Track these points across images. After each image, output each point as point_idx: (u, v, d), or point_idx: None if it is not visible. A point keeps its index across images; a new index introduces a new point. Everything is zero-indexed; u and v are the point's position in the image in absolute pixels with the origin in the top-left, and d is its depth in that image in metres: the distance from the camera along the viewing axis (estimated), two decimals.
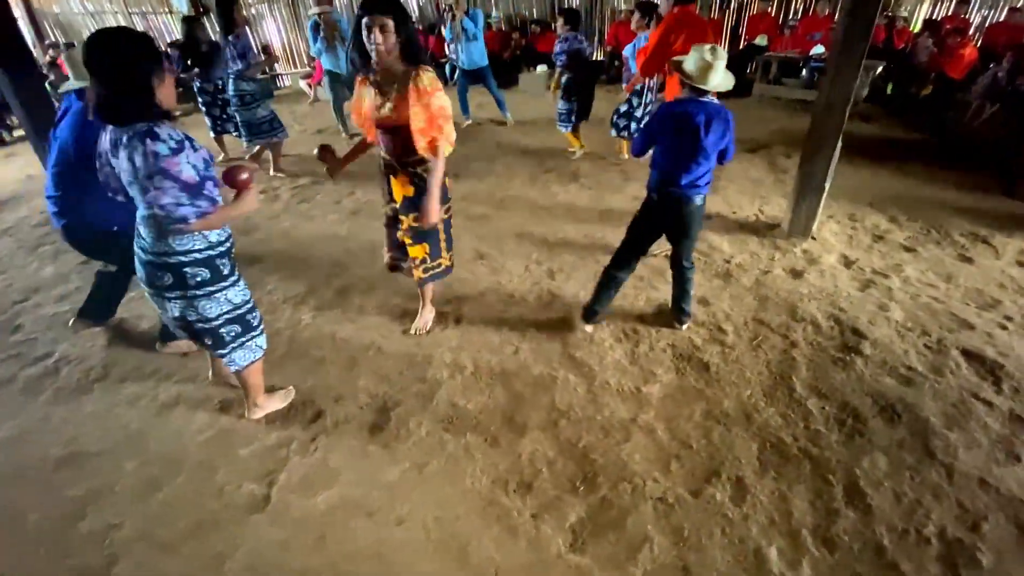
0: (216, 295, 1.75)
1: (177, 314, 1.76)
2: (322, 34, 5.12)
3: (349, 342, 2.55)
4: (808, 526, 1.64)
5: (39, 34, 8.53)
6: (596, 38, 9.15)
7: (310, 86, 8.60)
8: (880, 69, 6.10)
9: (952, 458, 1.83)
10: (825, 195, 3.20)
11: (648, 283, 2.90)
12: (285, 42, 10.15)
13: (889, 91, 6.44)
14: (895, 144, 5.03)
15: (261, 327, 1.98)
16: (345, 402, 2.19)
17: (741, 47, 8.02)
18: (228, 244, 1.76)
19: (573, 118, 4.72)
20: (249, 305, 1.89)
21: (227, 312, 1.81)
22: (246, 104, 4.16)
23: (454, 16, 5.39)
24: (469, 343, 2.51)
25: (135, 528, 1.73)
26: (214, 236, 1.68)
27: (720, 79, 2.01)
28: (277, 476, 1.89)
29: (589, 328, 2.53)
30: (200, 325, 1.78)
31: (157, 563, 1.62)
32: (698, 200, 2.21)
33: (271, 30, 10.03)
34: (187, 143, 1.50)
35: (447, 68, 9.31)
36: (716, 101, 2.10)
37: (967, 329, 2.44)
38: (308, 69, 9.10)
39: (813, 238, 3.27)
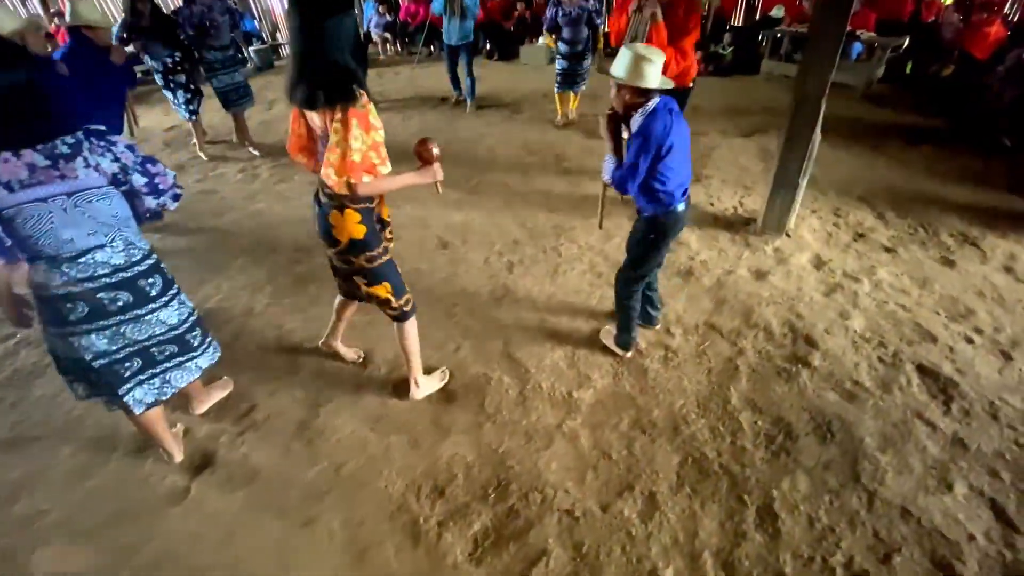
0: (180, 295, 1.74)
1: (149, 333, 1.66)
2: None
3: (295, 333, 2.57)
4: (711, 548, 1.61)
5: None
6: (604, 8, 8.72)
7: None
8: (904, 44, 5.67)
9: (878, 483, 1.76)
10: (802, 191, 3.03)
11: (606, 280, 2.82)
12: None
13: (908, 70, 6.02)
14: (905, 130, 4.73)
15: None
16: (279, 396, 2.21)
17: (757, 19, 7.57)
18: None
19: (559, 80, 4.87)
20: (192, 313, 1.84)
21: (191, 314, 1.78)
22: (214, 72, 4.10)
23: None
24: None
25: (61, 515, 1.80)
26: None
27: (658, 74, 1.72)
28: (201, 470, 1.94)
29: (630, 354, 2.31)
30: (188, 320, 1.76)
31: (72, 552, 1.69)
32: None
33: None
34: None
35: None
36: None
37: (929, 342, 2.32)
38: None
39: (788, 235, 3.12)
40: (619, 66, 1.73)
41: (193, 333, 1.78)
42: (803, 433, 1.94)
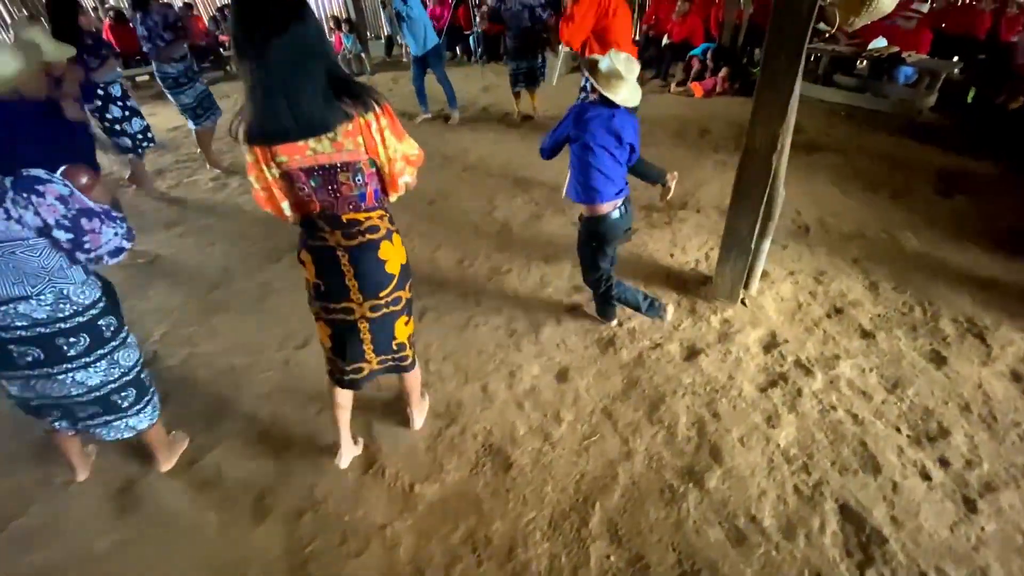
0: (116, 353, 1.63)
1: (98, 380, 1.59)
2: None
3: (187, 364, 2.44)
4: None
5: None
6: (636, 14, 8.20)
7: None
8: (957, 71, 4.88)
9: None
10: (763, 254, 2.57)
11: (514, 346, 2.51)
12: (323, 7, 10.10)
13: (970, 99, 5.17)
14: (942, 175, 4.03)
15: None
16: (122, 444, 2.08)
17: None
18: None
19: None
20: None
21: (124, 375, 1.67)
22: (177, 87, 4.01)
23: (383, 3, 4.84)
24: (281, 391, 2.31)
25: None
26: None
27: (629, 93, 1.94)
28: (12, 520, 1.83)
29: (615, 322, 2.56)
30: (119, 381, 1.65)
31: None
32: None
33: None
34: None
35: (471, 40, 8.87)
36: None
37: (869, 472, 1.85)
38: (331, 40, 8.98)
39: (744, 303, 2.66)
40: (604, 63, 1.95)
41: (123, 393, 1.66)
42: None
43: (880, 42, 5.06)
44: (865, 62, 5.50)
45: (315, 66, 1.22)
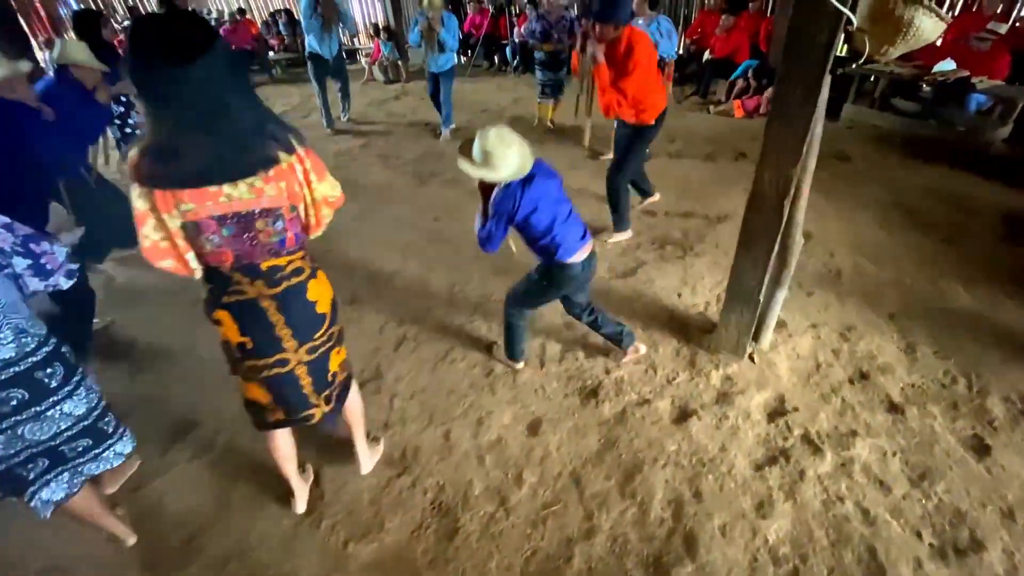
0: (86, 379, 1.52)
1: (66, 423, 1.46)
2: (320, 9, 4.87)
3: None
4: None
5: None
6: (680, 27, 7.85)
7: (370, 64, 8.61)
8: None
9: None
10: (776, 307, 2.27)
11: (487, 389, 2.32)
12: (365, 15, 10.26)
13: None
14: (1008, 219, 3.54)
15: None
16: None
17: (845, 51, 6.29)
18: None
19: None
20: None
21: (100, 399, 1.57)
22: None
23: (430, 28, 4.80)
24: (244, 416, 2.21)
25: None
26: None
27: (518, 163, 1.67)
28: None
29: (520, 365, 2.39)
30: (100, 406, 1.55)
31: None
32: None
33: (354, 3, 10.18)
34: None
35: (508, 51, 8.76)
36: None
37: None
38: (371, 47, 9.09)
39: (752, 359, 2.36)
40: (475, 151, 1.68)
41: (106, 419, 1.58)
42: None
43: (947, 64, 4.55)
44: (929, 86, 4.98)
45: (232, 102, 1.10)
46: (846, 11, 1.45)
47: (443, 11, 4.84)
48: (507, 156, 1.63)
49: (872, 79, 5.27)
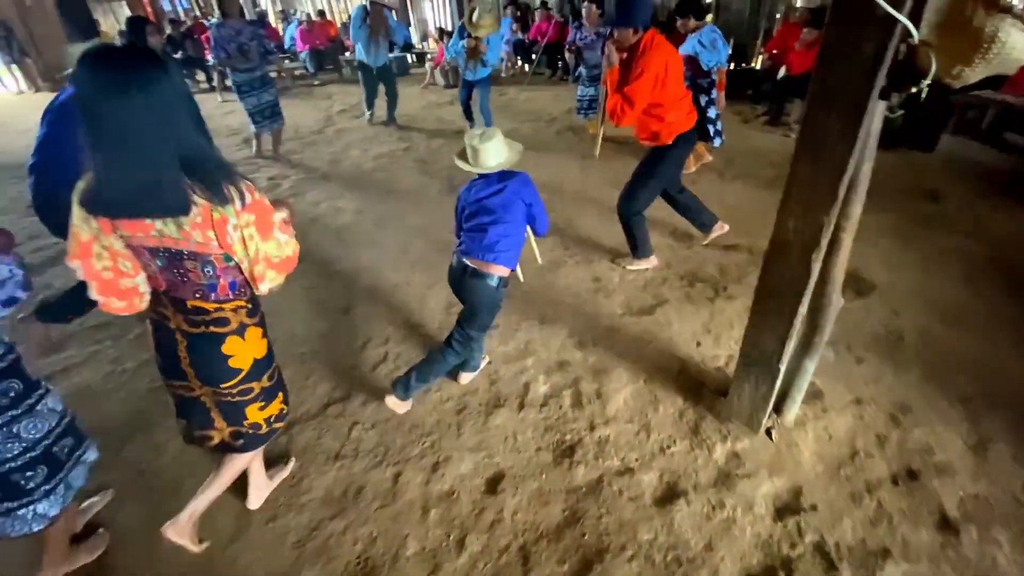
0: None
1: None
2: (369, 20, 4.95)
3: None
4: None
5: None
6: (759, 40, 7.24)
7: (432, 67, 8.67)
8: None
9: None
10: (806, 377, 1.87)
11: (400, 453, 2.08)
12: (435, 19, 10.39)
13: None
14: None
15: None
16: None
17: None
18: None
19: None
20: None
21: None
22: (241, 94, 4.24)
23: (476, 49, 4.76)
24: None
25: None
26: None
27: (494, 159, 1.88)
28: None
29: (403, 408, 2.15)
30: (63, 423, 1.45)
31: None
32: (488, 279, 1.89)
33: (427, 8, 10.36)
34: None
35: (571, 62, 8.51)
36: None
37: None
38: (435, 50, 9.16)
39: (770, 434, 1.97)
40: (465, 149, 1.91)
41: (75, 420, 1.51)
42: None
43: None
44: None
45: (158, 139, 1.04)
46: (902, 18, 1.09)
47: (491, 30, 4.75)
48: (487, 150, 1.84)
49: (976, 107, 4.52)
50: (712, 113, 4.19)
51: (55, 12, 7.22)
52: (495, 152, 1.86)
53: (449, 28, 9.07)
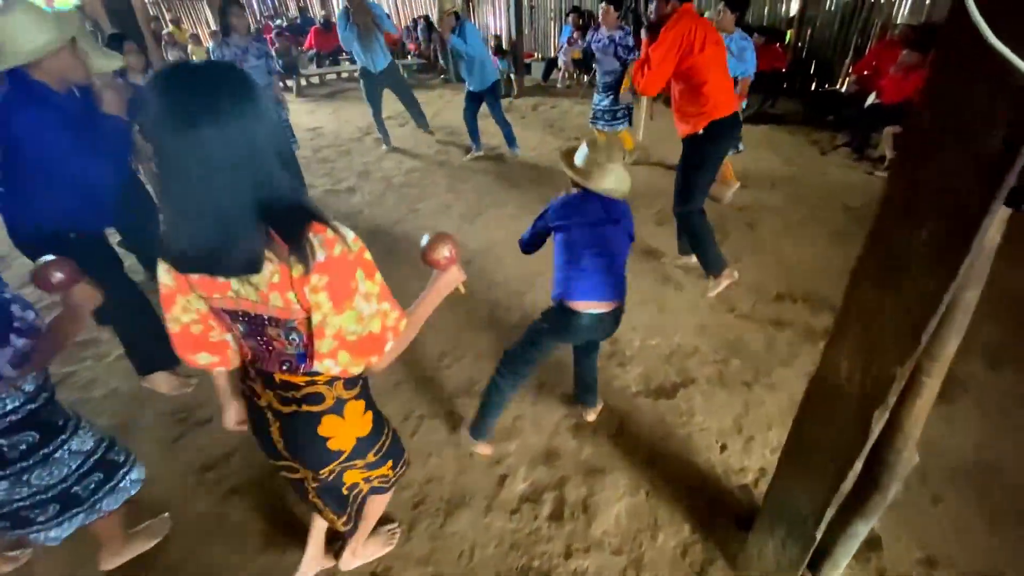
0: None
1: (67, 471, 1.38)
2: (352, 18, 4.50)
3: None
4: None
5: None
6: (848, 59, 6.41)
7: None
8: None
9: None
10: (853, 544, 1.38)
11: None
12: (502, 28, 10.17)
13: None
14: None
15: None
16: None
17: None
18: None
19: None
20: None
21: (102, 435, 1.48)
22: None
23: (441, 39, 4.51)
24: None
25: None
26: None
27: (613, 182, 1.65)
28: None
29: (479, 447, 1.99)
30: (90, 461, 1.43)
31: None
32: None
33: (489, 15, 10.15)
34: None
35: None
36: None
37: None
38: None
39: None
40: (579, 156, 1.69)
41: (115, 448, 1.48)
42: None
43: None
44: None
45: (232, 184, 0.80)
46: None
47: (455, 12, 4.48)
48: (611, 172, 1.63)
49: None
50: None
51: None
52: (617, 176, 1.65)
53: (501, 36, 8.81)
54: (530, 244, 1.88)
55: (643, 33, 2.63)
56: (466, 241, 3.62)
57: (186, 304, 0.99)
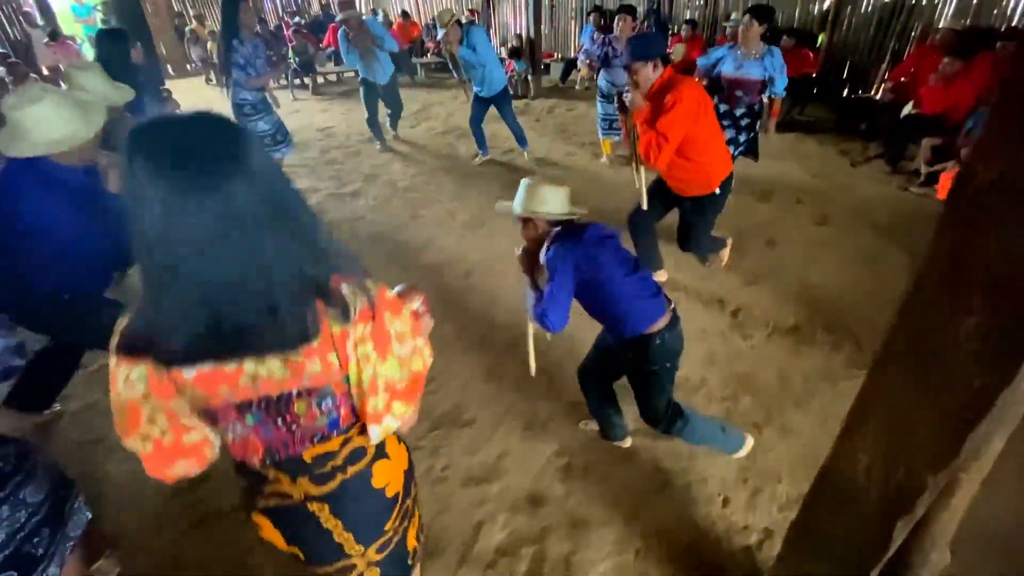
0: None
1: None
2: (351, 41, 4.64)
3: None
4: None
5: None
6: (884, 64, 6.05)
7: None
8: None
9: None
10: None
11: None
12: (516, 26, 9.99)
13: None
14: None
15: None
16: None
17: None
18: None
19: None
20: None
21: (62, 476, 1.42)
22: (244, 115, 3.84)
23: (450, 51, 4.39)
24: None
25: None
26: None
27: (564, 195, 1.58)
28: None
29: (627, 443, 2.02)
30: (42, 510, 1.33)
31: None
32: None
33: (509, 13, 9.98)
34: None
35: None
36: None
37: None
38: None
39: None
40: (516, 200, 1.61)
41: (62, 506, 1.37)
42: None
43: None
44: None
45: (269, 243, 0.67)
46: None
47: (460, 23, 4.36)
48: (555, 190, 1.56)
49: None
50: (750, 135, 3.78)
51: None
52: (559, 191, 1.58)
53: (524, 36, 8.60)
54: (565, 312, 1.53)
55: (625, 106, 2.50)
56: (466, 252, 3.48)
57: (152, 414, 0.77)
